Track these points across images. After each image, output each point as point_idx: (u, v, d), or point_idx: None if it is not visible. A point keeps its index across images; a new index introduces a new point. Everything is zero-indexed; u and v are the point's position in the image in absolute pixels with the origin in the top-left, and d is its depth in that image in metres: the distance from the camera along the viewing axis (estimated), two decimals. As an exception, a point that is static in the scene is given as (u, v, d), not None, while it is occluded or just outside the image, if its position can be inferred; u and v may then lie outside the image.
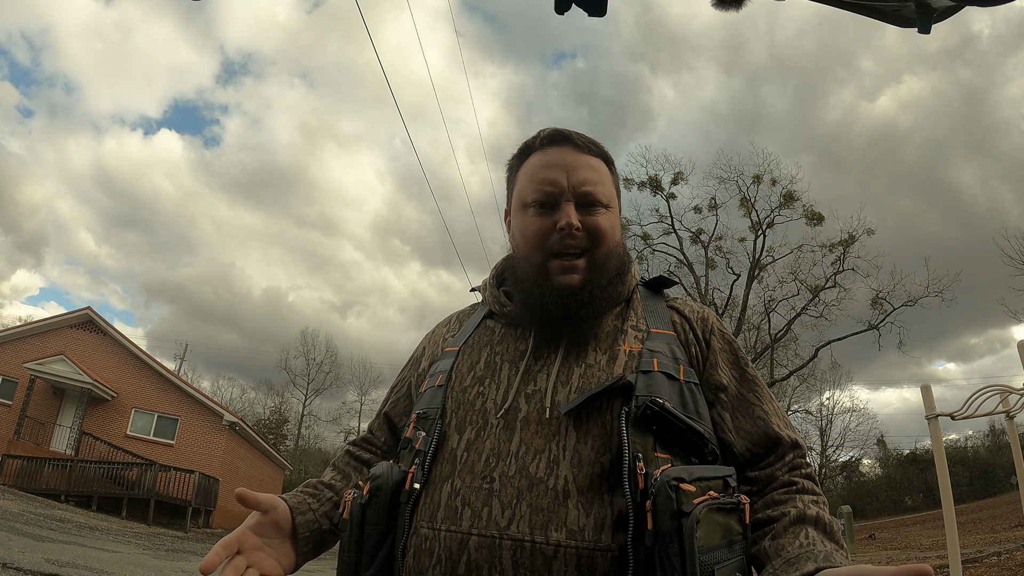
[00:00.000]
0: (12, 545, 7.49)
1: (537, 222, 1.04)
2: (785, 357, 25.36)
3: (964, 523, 17.68)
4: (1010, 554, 9.69)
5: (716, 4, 1.11)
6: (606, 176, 1.08)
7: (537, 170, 1.06)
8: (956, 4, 1.02)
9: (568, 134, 1.09)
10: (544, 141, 1.09)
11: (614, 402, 0.92)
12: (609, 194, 1.07)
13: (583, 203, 1.03)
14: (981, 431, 44.65)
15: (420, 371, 1.17)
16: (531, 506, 0.87)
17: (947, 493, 5.24)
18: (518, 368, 1.01)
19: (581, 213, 1.03)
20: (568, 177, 1.03)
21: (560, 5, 1.12)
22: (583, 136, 1.09)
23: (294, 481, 42.23)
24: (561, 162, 1.05)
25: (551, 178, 1.04)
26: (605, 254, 1.04)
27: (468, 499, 0.90)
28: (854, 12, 1.12)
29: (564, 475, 0.88)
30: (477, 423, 0.97)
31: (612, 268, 1.05)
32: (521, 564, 0.83)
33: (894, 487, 45.82)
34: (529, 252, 1.04)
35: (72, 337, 20.45)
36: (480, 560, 0.85)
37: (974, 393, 5.68)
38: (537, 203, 1.04)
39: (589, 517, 0.86)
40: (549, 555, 0.83)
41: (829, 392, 41.20)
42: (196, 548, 13.03)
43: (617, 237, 1.08)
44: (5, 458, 16.60)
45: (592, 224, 1.03)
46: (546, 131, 1.10)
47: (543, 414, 0.94)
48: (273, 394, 50.48)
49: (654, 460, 0.87)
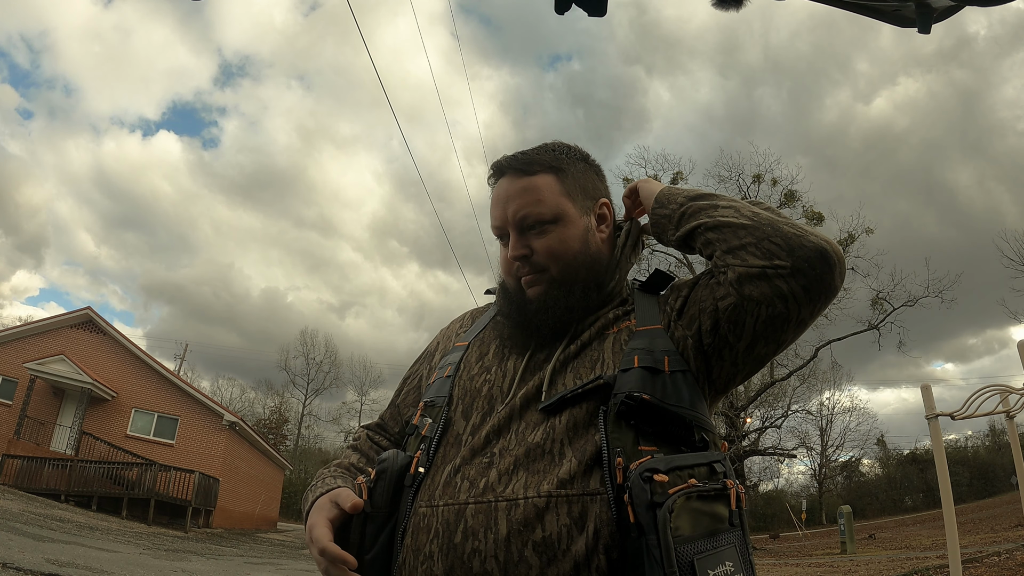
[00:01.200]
0: (12, 545, 7.49)
1: (504, 252, 1.13)
2: (785, 357, 25.35)
3: (964, 523, 17.68)
4: (1010, 554, 9.69)
5: (716, 4, 1.11)
6: (546, 189, 1.08)
7: (491, 207, 1.14)
8: (956, 4, 1.02)
9: (503, 164, 1.13)
10: (491, 178, 1.16)
11: (593, 402, 0.94)
12: (553, 207, 1.07)
13: (524, 228, 1.08)
14: (981, 431, 44.69)
15: (432, 364, 1.21)
16: (527, 470, 0.89)
17: (947, 493, 5.24)
18: (523, 358, 1.05)
19: (528, 237, 1.08)
20: (506, 210, 1.09)
21: (560, 5, 1.12)
22: (519, 158, 1.12)
23: (294, 481, 42.21)
24: (500, 196, 1.11)
25: (495, 214, 1.12)
26: (563, 269, 1.07)
27: (467, 474, 0.92)
28: (854, 12, 1.12)
29: (559, 438, 0.92)
30: (483, 408, 1.01)
31: (581, 277, 1.07)
32: (514, 520, 0.85)
33: (894, 487, 45.83)
34: (505, 277, 1.14)
35: (72, 337, 20.45)
36: (476, 525, 0.87)
37: (974, 393, 5.67)
38: (497, 238, 1.14)
39: (581, 465, 0.88)
40: (541, 507, 0.85)
41: (829, 392, 41.19)
42: (196, 548, 13.03)
43: (576, 247, 1.08)
44: (5, 458, 16.60)
45: (540, 246, 1.08)
46: (492, 165, 1.16)
47: (541, 400, 0.98)
48: (273, 394, 50.50)
49: (636, 454, 0.87)
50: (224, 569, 10.13)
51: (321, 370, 51.54)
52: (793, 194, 23.16)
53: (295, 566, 12.54)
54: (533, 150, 1.14)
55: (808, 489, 47.04)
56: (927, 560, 10.58)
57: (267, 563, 12.53)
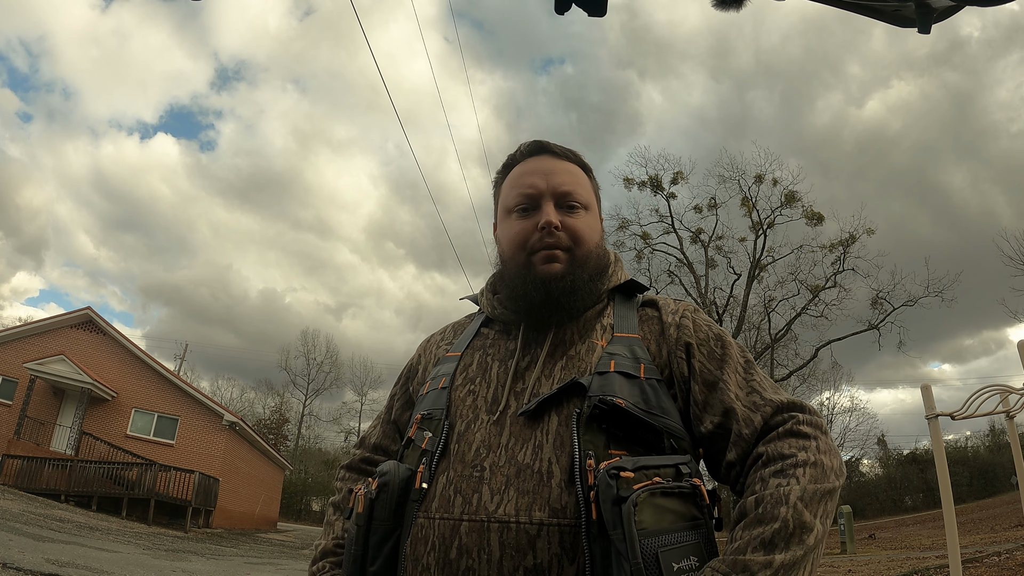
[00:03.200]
0: (12, 545, 7.49)
1: (520, 224, 1.11)
2: (785, 357, 25.36)
3: (964, 523, 17.68)
4: (1010, 554, 9.69)
5: (716, 4, 1.11)
6: (584, 182, 1.15)
7: (518, 177, 1.14)
8: (956, 4, 1.02)
9: (546, 144, 1.16)
10: (524, 153, 1.17)
11: (569, 403, 0.95)
12: (588, 197, 1.14)
13: (562, 203, 1.10)
14: (981, 431, 44.69)
15: (418, 378, 1.21)
16: (518, 490, 0.90)
17: (947, 493, 5.24)
18: (507, 367, 1.05)
19: (561, 213, 1.09)
20: (547, 180, 1.11)
21: (560, 5, 1.13)
22: (561, 146, 1.17)
23: (294, 481, 42.22)
24: (540, 168, 1.13)
25: (531, 182, 1.11)
26: (585, 253, 1.10)
27: (460, 487, 0.93)
28: (854, 12, 1.12)
29: (547, 457, 0.92)
30: (467, 417, 1.02)
31: (592, 266, 1.10)
32: (507, 544, 0.87)
33: (894, 487, 45.82)
34: (514, 253, 1.11)
35: (72, 337, 20.45)
36: (470, 543, 0.88)
37: (974, 393, 5.67)
38: (519, 207, 1.11)
39: (571, 495, 0.88)
40: (533, 534, 0.87)
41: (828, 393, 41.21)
42: (196, 548, 13.03)
43: (596, 239, 1.13)
44: (5, 458, 16.60)
45: (572, 224, 1.09)
46: (526, 144, 1.18)
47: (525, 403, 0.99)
48: (273, 394, 50.49)
49: (606, 457, 0.89)
50: (224, 569, 10.13)
51: (322, 370, 51.57)
52: (793, 195, 23.15)
53: (295, 566, 12.54)
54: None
55: (808, 489, 46.84)
56: (927, 560, 10.58)
57: (267, 563, 12.53)
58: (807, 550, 0.81)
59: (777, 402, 0.97)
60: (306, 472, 48.18)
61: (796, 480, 0.85)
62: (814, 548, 0.82)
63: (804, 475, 0.86)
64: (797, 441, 0.91)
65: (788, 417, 0.95)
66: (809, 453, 0.89)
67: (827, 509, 0.86)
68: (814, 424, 0.94)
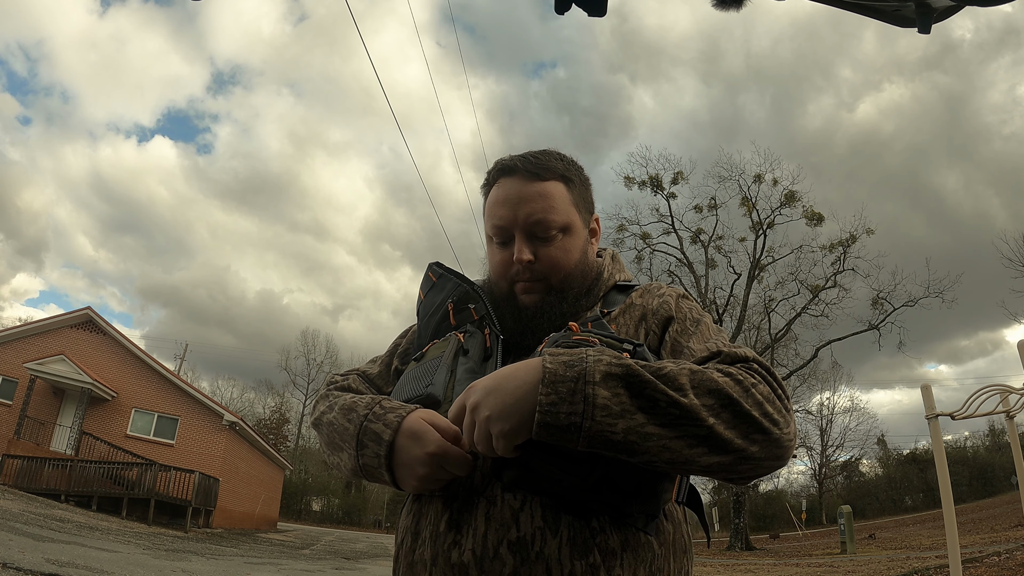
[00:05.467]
0: (12, 545, 7.49)
1: (499, 254, 1.11)
2: (785, 357, 25.37)
3: (964, 523, 17.67)
4: (1010, 554, 9.69)
5: (717, 4, 1.11)
6: (559, 198, 1.08)
7: (491, 206, 1.11)
8: (956, 4, 1.02)
9: (514, 165, 1.10)
10: (495, 175, 1.12)
11: None
12: (564, 217, 1.08)
13: (533, 235, 1.07)
14: (980, 431, 44.70)
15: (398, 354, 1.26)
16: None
17: (947, 493, 5.24)
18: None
19: (534, 244, 1.07)
20: (516, 211, 1.06)
21: (560, 5, 1.13)
22: (532, 161, 1.09)
23: (294, 481, 42.21)
24: (510, 196, 1.08)
25: (501, 213, 1.08)
26: (563, 279, 1.08)
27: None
28: (854, 12, 1.12)
29: None
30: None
31: (575, 288, 1.09)
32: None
33: (894, 487, 45.84)
34: (497, 280, 1.13)
35: (72, 337, 20.45)
36: None
37: (974, 393, 5.68)
38: (495, 237, 1.11)
39: None
40: (517, 508, 0.92)
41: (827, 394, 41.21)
42: (196, 548, 13.03)
43: (575, 259, 1.09)
44: (5, 458, 16.60)
45: (545, 255, 1.07)
46: (497, 164, 1.13)
47: None
48: (273, 394, 50.51)
49: None
50: (224, 569, 10.13)
51: (322, 370, 51.57)
52: (793, 195, 23.15)
53: (295, 566, 12.54)
54: (542, 155, 1.11)
55: (808, 489, 47.10)
56: (927, 560, 10.58)
57: (267, 563, 12.53)
58: (671, 402, 0.79)
59: (739, 353, 0.91)
60: (306, 472, 48.19)
61: (714, 372, 0.83)
62: (675, 406, 0.79)
63: (720, 375, 0.83)
64: (737, 367, 0.87)
65: (742, 358, 0.90)
66: (744, 376, 0.84)
67: (715, 407, 0.80)
68: (768, 379, 0.87)
